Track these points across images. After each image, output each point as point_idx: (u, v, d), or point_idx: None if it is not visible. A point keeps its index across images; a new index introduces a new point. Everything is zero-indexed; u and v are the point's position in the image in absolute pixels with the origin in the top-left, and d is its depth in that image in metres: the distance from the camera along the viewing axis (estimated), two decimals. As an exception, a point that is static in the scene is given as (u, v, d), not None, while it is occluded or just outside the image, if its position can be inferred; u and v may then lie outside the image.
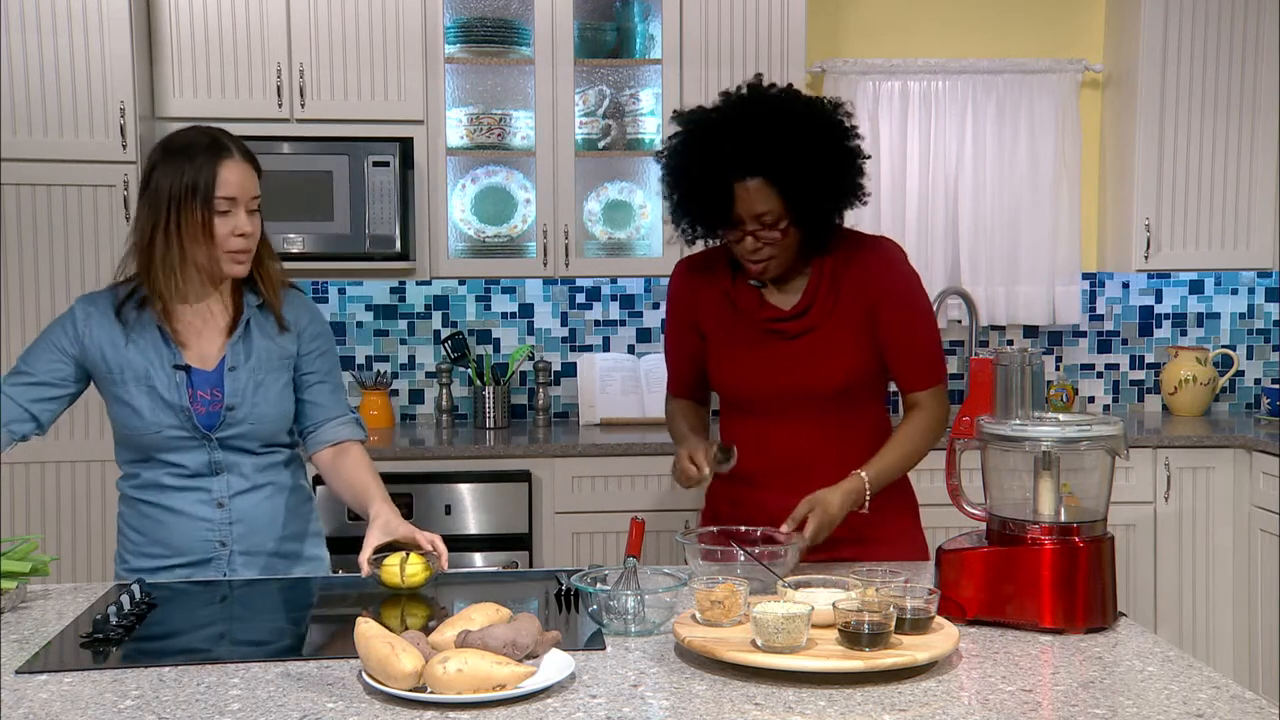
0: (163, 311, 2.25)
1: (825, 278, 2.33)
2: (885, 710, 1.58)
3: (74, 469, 3.78)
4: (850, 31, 4.51)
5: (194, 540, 2.31)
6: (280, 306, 2.34)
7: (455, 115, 4.16)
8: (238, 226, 2.22)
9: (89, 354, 2.28)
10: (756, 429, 2.39)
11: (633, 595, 1.89)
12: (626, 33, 4.20)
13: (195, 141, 2.23)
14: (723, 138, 2.22)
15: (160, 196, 2.20)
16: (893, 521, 2.40)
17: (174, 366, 2.26)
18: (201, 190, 2.18)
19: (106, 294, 2.32)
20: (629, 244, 4.28)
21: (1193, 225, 4.36)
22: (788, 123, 2.21)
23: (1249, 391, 4.68)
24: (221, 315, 2.32)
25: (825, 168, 2.22)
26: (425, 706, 1.57)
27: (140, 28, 3.81)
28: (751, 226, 2.23)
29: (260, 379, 2.31)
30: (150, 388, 2.26)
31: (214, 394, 2.28)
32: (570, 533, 3.86)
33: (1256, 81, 4.31)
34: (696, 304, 2.44)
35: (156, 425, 2.26)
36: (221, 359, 2.29)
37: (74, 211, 3.74)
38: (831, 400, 2.35)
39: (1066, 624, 1.88)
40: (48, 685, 1.68)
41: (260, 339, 2.32)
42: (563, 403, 4.45)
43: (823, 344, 2.33)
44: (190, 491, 2.30)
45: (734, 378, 2.40)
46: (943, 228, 4.47)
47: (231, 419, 2.29)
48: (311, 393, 2.39)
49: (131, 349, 2.27)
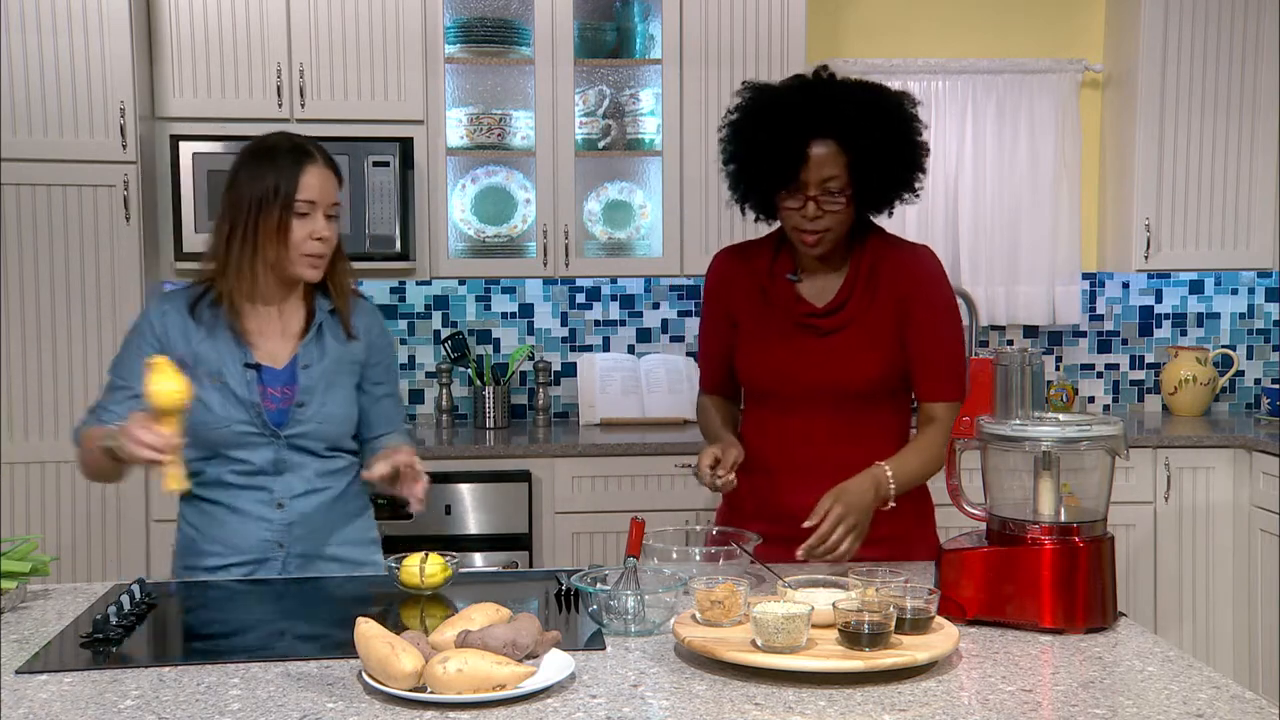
0: (234, 311, 2.30)
1: (862, 276, 2.34)
2: (885, 710, 1.58)
3: (74, 469, 3.75)
4: (850, 31, 4.51)
5: (252, 540, 2.34)
6: (350, 314, 2.39)
7: (455, 115, 4.16)
8: (315, 230, 2.27)
9: (168, 351, 2.30)
10: (779, 424, 2.39)
11: (633, 595, 1.89)
12: (626, 33, 4.20)
13: (280, 145, 2.30)
14: (800, 101, 2.26)
15: (242, 198, 2.26)
16: (912, 524, 2.39)
17: (245, 365, 2.30)
18: (283, 193, 2.24)
19: (182, 293, 2.37)
20: (629, 244, 4.28)
21: (1193, 225, 4.36)
22: (861, 95, 2.28)
23: (1249, 391, 4.68)
24: (294, 318, 2.36)
25: (895, 144, 2.27)
26: (425, 706, 1.57)
27: (140, 28, 3.81)
28: (814, 192, 2.24)
29: (331, 380, 2.35)
30: (222, 384, 2.30)
31: (284, 391, 2.32)
32: (570, 533, 3.86)
33: (1256, 81, 4.31)
34: (732, 292, 2.45)
35: (227, 420, 2.29)
36: (293, 357, 2.34)
37: (74, 211, 3.74)
38: (856, 399, 2.35)
39: (1066, 624, 1.88)
40: (48, 685, 1.68)
41: (332, 342, 2.37)
42: (563, 403, 4.45)
43: (853, 342, 2.34)
44: (252, 490, 2.33)
45: (761, 369, 2.40)
46: (943, 228, 4.47)
47: (300, 416, 2.32)
48: (372, 402, 2.44)
49: (205, 346, 2.31)
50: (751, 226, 2.51)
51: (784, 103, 2.28)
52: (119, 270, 3.76)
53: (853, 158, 2.23)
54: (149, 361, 2.07)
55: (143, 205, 3.79)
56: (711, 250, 2.41)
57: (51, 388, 3.75)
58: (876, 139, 2.24)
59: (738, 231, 3.77)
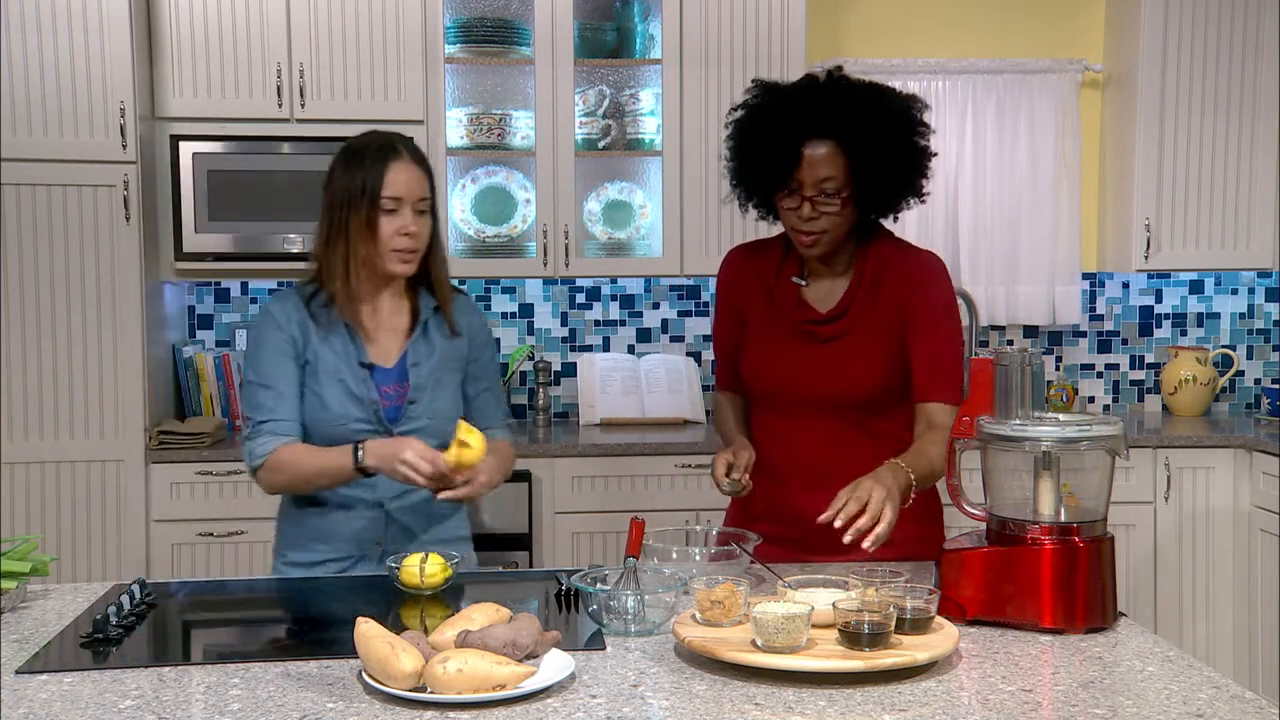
0: (344, 310, 2.34)
1: (865, 282, 2.32)
2: (885, 710, 1.58)
3: (74, 469, 3.78)
4: (850, 31, 4.51)
5: (353, 537, 2.37)
6: (452, 311, 2.42)
7: (455, 115, 4.16)
8: (403, 226, 2.30)
9: (296, 349, 2.35)
10: (784, 426, 2.38)
11: (633, 595, 1.89)
12: (626, 33, 4.20)
13: (369, 143, 2.35)
14: (799, 101, 2.26)
15: (335, 196, 2.32)
16: (925, 525, 2.35)
17: (359, 364, 2.34)
18: (369, 190, 2.28)
19: (293, 292, 2.40)
20: (629, 244, 4.28)
21: (1193, 225, 4.36)
22: (865, 96, 2.26)
23: (1249, 391, 4.68)
24: (399, 316, 2.40)
25: (897, 146, 2.25)
26: (425, 706, 1.57)
27: (140, 28, 3.81)
28: (811, 193, 2.23)
29: (439, 376, 2.40)
30: (340, 381, 2.34)
31: (397, 389, 2.37)
32: (570, 533, 3.86)
33: (1256, 81, 4.31)
34: (741, 292, 2.45)
35: (344, 418, 2.33)
36: (403, 355, 2.37)
37: (74, 211, 3.74)
38: (855, 407, 2.33)
39: (1066, 624, 1.88)
40: (48, 685, 1.68)
41: (438, 339, 2.41)
42: (563, 403, 4.45)
43: (854, 350, 2.31)
44: (357, 487, 2.35)
45: (763, 372, 2.40)
46: (943, 228, 4.47)
47: (412, 412, 2.36)
48: (473, 397, 2.47)
49: (324, 345, 2.35)
50: (752, 226, 2.52)
51: (785, 102, 2.27)
52: (119, 270, 3.76)
53: (852, 159, 2.22)
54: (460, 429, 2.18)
55: (143, 205, 3.79)
56: (711, 250, 2.42)
57: (51, 388, 3.75)
58: (877, 141, 2.22)
59: (738, 231, 3.77)
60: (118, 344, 3.78)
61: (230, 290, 4.35)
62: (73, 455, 3.78)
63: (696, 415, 4.27)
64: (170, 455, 3.78)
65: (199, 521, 3.79)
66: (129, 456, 3.78)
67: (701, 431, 4.13)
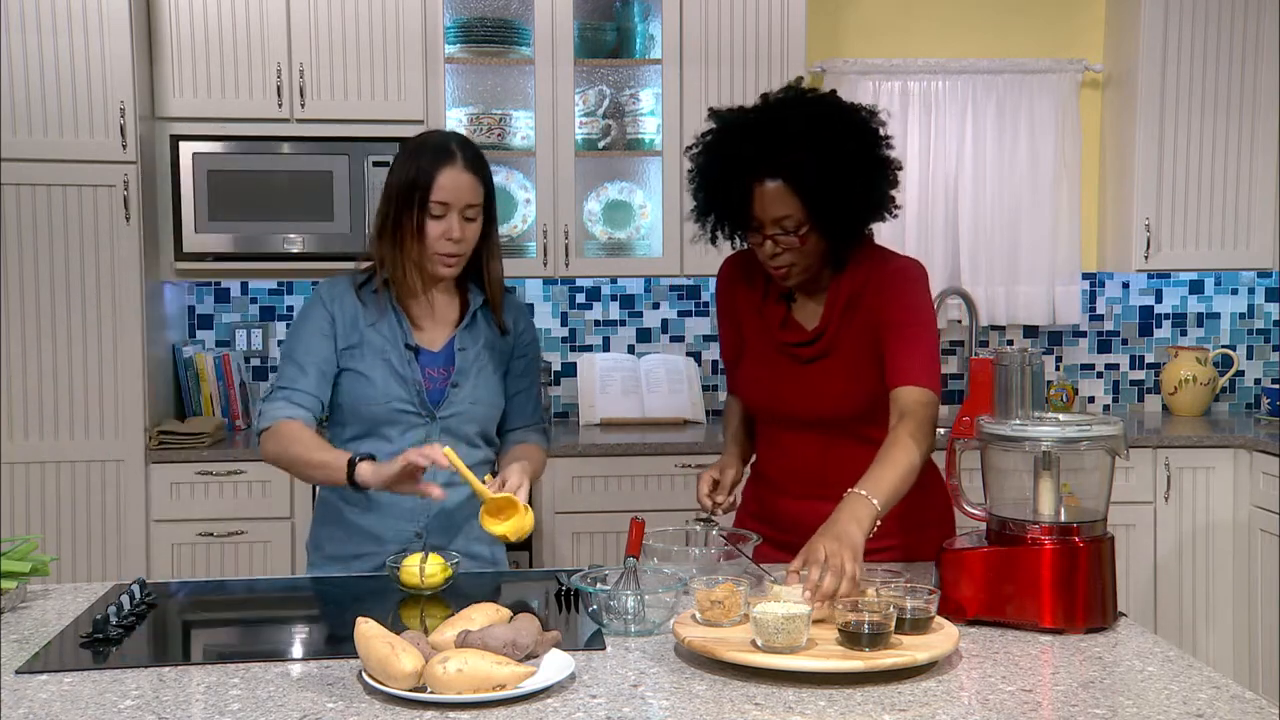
0: (397, 294, 2.36)
1: (842, 301, 2.27)
2: (885, 710, 1.58)
3: (74, 469, 3.78)
4: (850, 31, 4.51)
5: (394, 528, 2.37)
6: (502, 309, 2.45)
7: (455, 115, 4.16)
8: (449, 231, 2.31)
9: (340, 327, 2.37)
10: (778, 435, 2.39)
11: (633, 595, 1.89)
12: (626, 33, 4.20)
13: (428, 142, 2.37)
14: (746, 138, 2.18)
15: (390, 190, 2.35)
16: (925, 529, 2.31)
17: (405, 345, 2.36)
18: (418, 191, 2.30)
19: (346, 278, 2.43)
20: (629, 244, 4.28)
21: (1193, 225, 4.36)
22: (812, 126, 2.15)
23: (1249, 391, 4.68)
24: (450, 308, 2.43)
25: (848, 174, 2.14)
26: (425, 706, 1.57)
27: (140, 28, 3.81)
28: (771, 230, 2.18)
29: (483, 365, 2.41)
30: (385, 360, 2.35)
31: (442, 373, 2.38)
32: (570, 533, 3.86)
33: (1256, 81, 4.31)
34: (736, 302, 2.42)
35: (387, 396, 2.34)
36: (450, 340, 2.40)
37: (74, 211, 3.74)
38: (841, 426, 2.30)
39: (1066, 624, 1.88)
40: (48, 685, 1.68)
41: (486, 331, 2.44)
42: (563, 403, 4.45)
43: (835, 370, 2.28)
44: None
45: (752, 389, 2.40)
46: (943, 228, 4.47)
47: (455, 396, 2.37)
48: (513, 397, 2.49)
49: (371, 329, 2.37)
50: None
51: (735, 138, 2.19)
52: (119, 270, 3.76)
53: (804, 193, 2.13)
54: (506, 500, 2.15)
55: (143, 205, 3.79)
56: (711, 250, 2.40)
57: (51, 388, 3.75)
58: (828, 173, 2.12)
59: (738, 231, 3.77)
60: (118, 344, 3.77)
61: (230, 290, 4.34)
62: (73, 455, 3.78)
63: (696, 415, 4.27)
64: (170, 455, 3.78)
65: (199, 521, 3.79)
66: (129, 456, 3.78)
67: (702, 431, 4.13)
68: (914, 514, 2.26)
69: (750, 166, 2.15)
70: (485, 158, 2.40)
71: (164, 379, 4.06)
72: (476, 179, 2.34)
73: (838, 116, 2.19)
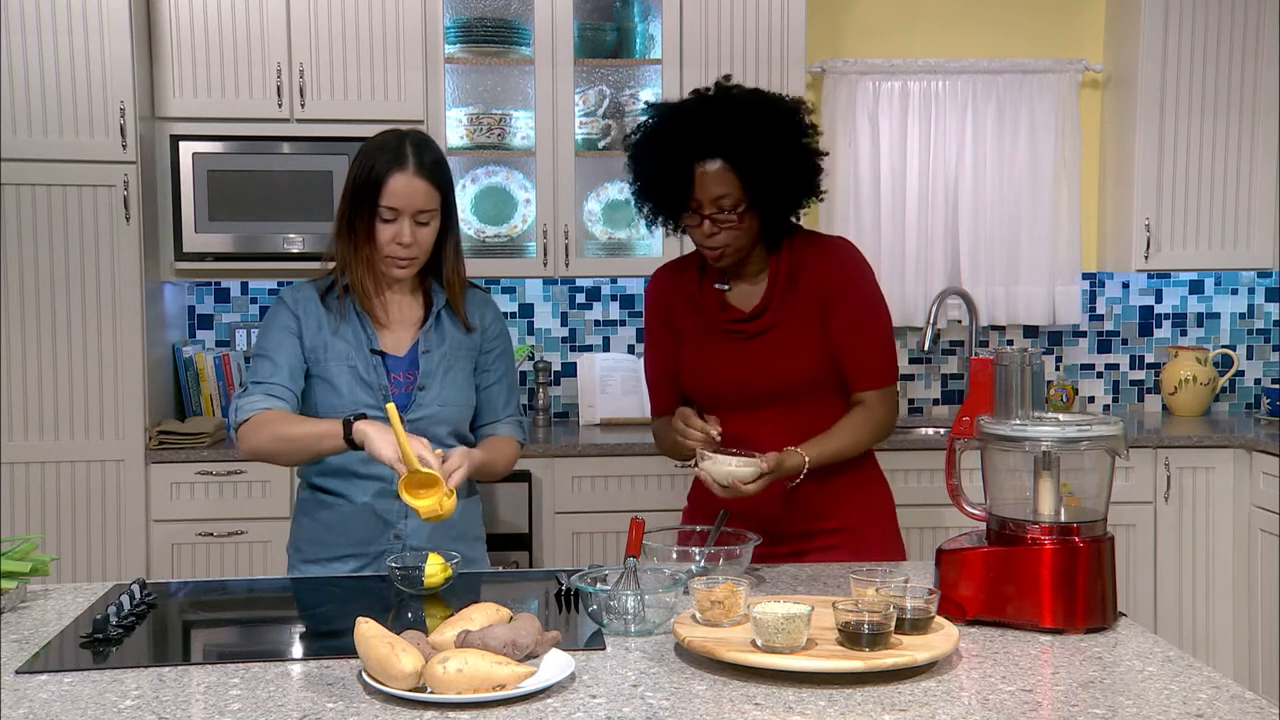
0: (359, 298, 2.36)
1: (781, 279, 2.40)
2: (885, 710, 1.58)
3: (74, 469, 3.78)
4: (850, 31, 4.51)
5: (371, 531, 2.37)
6: (464, 307, 2.44)
7: (455, 115, 4.16)
8: (399, 235, 2.31)
9: (304, 332, 2.37)
10: (733, 422, 2.41)
11: (633, 595, 1.89)
12: (626, 33, 4.20)
13: (385, 144, 2.34)
14: (687, 123, 2.31)
15: (346, 189, 2.36)
16: (871, 519, 2.45)
17: (370, 350, 2.36)
18: (370, 193, 2.30)
19: (310, 284, 2.43)
20: (629, 244, 4.29)
21: (1193, 225, 4.36)
22: (748, 112, 2.31)
23: (1249, 391, 4.68)
24: (413, 310, 2.42)
25: (782, 156, 2.30)
26: (425, 706, 1.57)
27: (140, 28, 3.81)
28: (709, 210, 2.30)
29: (450, 365, 2.41)
30: (351, 367, 2.35)
31: (407, 376, 2.38)
32: (570, 533, 3.86)
33: (1256, 81, 4.31)
34: (672, 304, 2.51)
35: (354, 403, 2.33)
36: (414, 344, 2.39)
37: (74, 211, 3.74)
38: (793, 396, 2.39)
39: (1066, 624, 1.88)
40: (48, 685, 1.68)
41: (451, 330, 2.43)
42: (563, 403, 4.45)
43: (780, 344, 2.39)
44: (374, 481, 2.35)
45: (701, 374, 2.46)
46: (943, 228, 4.47)
47: (422, 399, 2.37)
48: (485, 390, 2.49)
49: (335, 335, 2.36)
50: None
51: (674, 124, 2.33)
52: (119, 270, 3.76)
53: (743, 175, 2.28)
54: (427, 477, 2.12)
55: (143, 205, 3.79)
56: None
57: (51, 388, 3.75)
58: (764, 154, 2.28)
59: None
60: (118, 344, 3.77)
61: (230, 290, 4.34)
62: (73, 455, 3.78)
63: (696, 415, 4.27)
64: (170, 455, 3.78)
65: (199, 521, 3.79)
66: (129, 456, 3.78)
67: (701, 431, 4.13)
68: (859, 502, 2.43)
69: (693, 148, 2.28)
70: (444, 160, 2.39)
71: (164, 379, 4.06)
72: (430, 184, 2.32)
73: (771, 104, 2.36)
